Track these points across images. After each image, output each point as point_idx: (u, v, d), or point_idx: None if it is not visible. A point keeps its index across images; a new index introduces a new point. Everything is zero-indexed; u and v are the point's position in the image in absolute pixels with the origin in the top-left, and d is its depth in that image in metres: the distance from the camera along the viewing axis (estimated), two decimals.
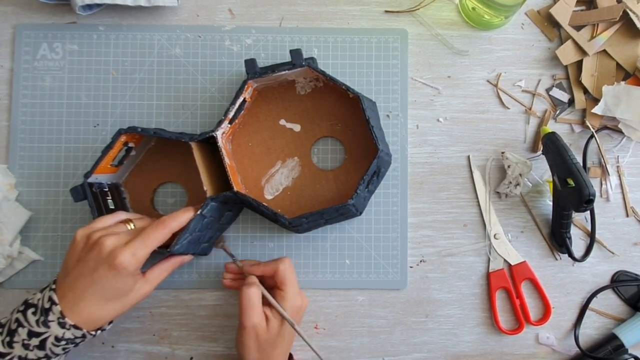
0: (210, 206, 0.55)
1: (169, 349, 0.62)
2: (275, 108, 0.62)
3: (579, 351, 0.62)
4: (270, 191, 0.62)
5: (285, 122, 0.62)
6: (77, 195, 0.56)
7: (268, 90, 0.62)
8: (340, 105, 0.62)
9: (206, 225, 0.56)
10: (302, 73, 0.60)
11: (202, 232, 0.57)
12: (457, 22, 0.66)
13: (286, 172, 0.62)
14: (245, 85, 0.57)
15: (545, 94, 0.65)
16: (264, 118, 0.62)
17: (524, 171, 0.62)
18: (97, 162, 0.56)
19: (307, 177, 0.62)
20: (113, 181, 0.60)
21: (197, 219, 0.54)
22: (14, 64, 0.63)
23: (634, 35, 0.63)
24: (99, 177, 0.58)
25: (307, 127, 0.62)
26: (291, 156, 0.62)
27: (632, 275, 0.64)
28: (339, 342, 0.63)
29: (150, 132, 0.56)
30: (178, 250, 0.54)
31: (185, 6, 0.65)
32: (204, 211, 0.54)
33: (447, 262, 0.63)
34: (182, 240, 0.54)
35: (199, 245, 0.58)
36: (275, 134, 0.62)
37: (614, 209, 0.64)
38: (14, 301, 0.61)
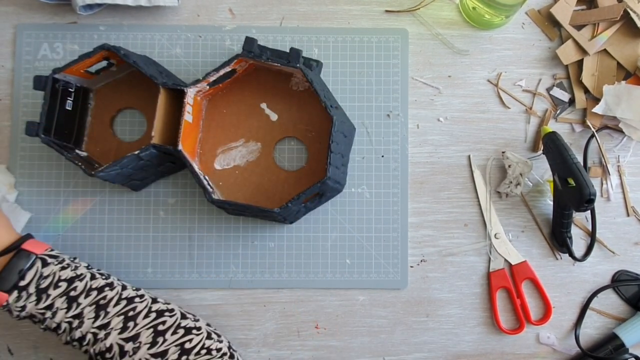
0: (150, 152, 0.55)
1: None
2: (264, 90, 0.62)
3: (579, 351, 0.62)
4: (221, 163, 0.62)
5: (266, 107, 0.62)
6: (38, 84, 0.56)
7: (264, 70, 0.62)
8: (322, 117, 0.62)
9: (141, 166, 0.57)
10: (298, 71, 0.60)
11: (135, 171, 0.57)
12: (458, 21, 0.66)
13: (244, 152, 0.62)
14: (235, 59, 0.57)
15: (545, 93, 0.65)
16: (249, 94, 0.62)
17: (525, 171, 0.62)
18: (70, 64, 0.56)
19: (261, 166, 0.62)
20: (85, 85, 0.61)
21: (131, 157, 0.54)
22: (15, 64, 0.63)
23: (635, 35, 0.63)
24: (67, 77, 0.58)
25: (283, 121, 0.62)
26: (256, 140, 0.62)
27: (633, 274, 0.64)
28: (339, 342, 0.63)
29: (130, 59, 0.56)
30: (103, 177, 0.55)
31: (186, 6, 0.65)
32: (142, 154, 0.55)
33: (447, 262, 0.63)
34: (109, 170, 0.55)
35: (129, 180, 0.59)
36: (251, 113, 0.62)
37: (614, 208, 0.64)
38: None
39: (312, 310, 0.63)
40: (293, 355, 0.62)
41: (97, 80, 0.61)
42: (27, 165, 0.62)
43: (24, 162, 0.62)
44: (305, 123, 0.62)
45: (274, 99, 0.62)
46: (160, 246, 0.62)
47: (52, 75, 0.56)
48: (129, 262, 0.62)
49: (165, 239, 0.62)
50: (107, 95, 0.62)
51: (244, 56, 0.57)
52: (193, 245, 0.62)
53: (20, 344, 0.61)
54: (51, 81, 0.56)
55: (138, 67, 0.56)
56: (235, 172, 0.62)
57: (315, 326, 0.63)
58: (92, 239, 0.62)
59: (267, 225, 0.63)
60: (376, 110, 0.64)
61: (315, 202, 0.60)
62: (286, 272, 0.62)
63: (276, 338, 0.62)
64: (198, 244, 0.62)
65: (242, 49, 0.57)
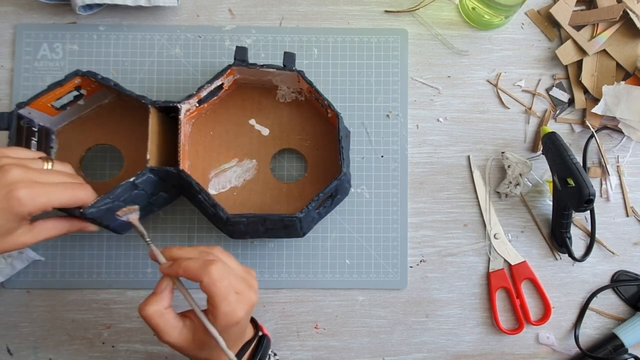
0: (147, 178, 0.50)
1: (169, 349, 0.62)
2: (250, 106, 0.61)
3: (579, 351, 0.62)
4: (216, 187, 0.59)
5: (255, 122, 0.60)
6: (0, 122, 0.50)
7: (248, 87, 0.61)
8: (315, 123, 0.61)
9: (134, 197, 0.51)
10: (288, 80, 0.59)
11: (126, 205, 0.51)
12: (457, 22, 0.66)
13: (240, 172, 0.59)
14: (228, 69, 0.55)
15: (545, 93, 0.65)
16: (235, 112, 0.60)
17: (524, 171, 0.62)
18: (38, 95, 0.50)
19: (260, 183, 0.60)
20: (46, 124, 0.55)
21: (126, 186, 0.49)
22: (14, 64, 0.63)
23: (634, 35, 0.63)
24: (32, 112, 0.52)
25: (275, 134, 0.61)
26: (250, 158, 0.60)
27: (632, 275, 0.64)
28: (339, 342, 0.63)
29: (111, 82, 0.52)
30: (92, 214, 0.47)
31: (186, 6, 0.65)
32: (138, 180, 0.50)
33: (447, 262, 0.63)
34: (100, 204, 0.48)
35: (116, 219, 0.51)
36: (240, 131, 0.60)
37: (614, 208, 0.64)
38: (14, 301, 0.62)
39: (312, 311, 0.63)
40: (293, 355, 0.62)
41: (59, 118, 0.56)
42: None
43: None
44: (298, 133, 0.61)
45: (261, 114, 0.61)
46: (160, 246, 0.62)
47: (16, 110, 0.50)
48: (129, 262, 0.62)
49: (165, 239, 0.62)
50: (72, 135, 0.57)
51: (237, 65, 0.55)
52: (193, 245, 0.62)
53: (19, 344, 0.61)
54: (16, 118, 0.50)
55: (122, 90, 0.52)
56: (233, 194, 0.59)
57: (314, 326, 0.63)
58: (92, 238, 0.62)
59: None
60: (376, 110, 0.64)
61: (327, 206, 0.58)
62: (286, 272, 0.62)
63: (276, 338, 0.62)
64: (198, 244, 0.62)
65: (235, 59, 0.55)
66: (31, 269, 0.61)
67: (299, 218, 0.51)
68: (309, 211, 0.52)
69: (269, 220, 0.52)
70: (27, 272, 0.61)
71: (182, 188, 0.55)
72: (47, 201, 0.43)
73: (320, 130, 0.61)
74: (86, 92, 0.55)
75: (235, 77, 0.58)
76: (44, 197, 0.42)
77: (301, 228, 0.55)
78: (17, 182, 0.41)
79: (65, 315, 0.62)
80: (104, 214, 0.49)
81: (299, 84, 0.59)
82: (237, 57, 0.56)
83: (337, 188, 0.55)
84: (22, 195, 0.41)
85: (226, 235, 0.57)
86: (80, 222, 0.49)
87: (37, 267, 0.61)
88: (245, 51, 0.56)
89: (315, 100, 0.59)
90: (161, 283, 0.45)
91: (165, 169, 0.52)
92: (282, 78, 0.58)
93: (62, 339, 0.62)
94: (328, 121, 0.60)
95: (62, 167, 0.48)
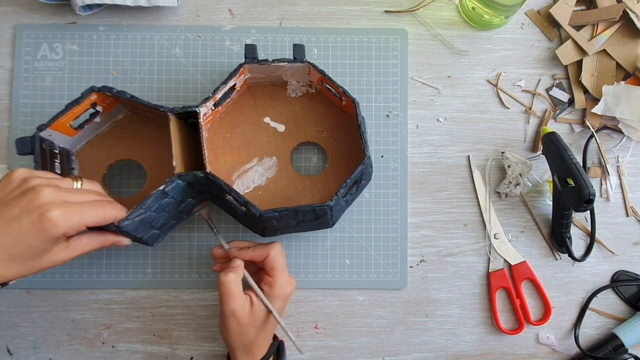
0: (176, 184, 0.51)
1: (169, 349, 0.62)
2: (263, 105, 0.61)
3: (579, 351, 0.62)
4: (241, 187, 0.59)
5: (270, 120, 0.61)
6: (23, 147, 0.49)
7: (258, 86, 0.61)
8: (329, 114, 0.61)
9: (165, 206, 0.52)
10: (297, 74, 0.59)
11: (158, 214, 0.52)
12: (457, 22, 0.66)
13: (261, 170, 0.60)
14: (240, 68, 0.55)
15: (545, 93, 0.65)
16: (249, 113, 0.61)
17: (524, 171, 0.62)
18: (57, 116, 0.50)
19: (283, 179, 0.60)
20: (65, 146, 0.55)
21: (156, 195, 0.49)
22: (14, 64, 0.63)
23: (634, 35, 0.63)
24: (53, 134, 0.52)
25: (291, 130, 0.61)
26: (270, 155, 0.60)
27: (632, 275, 0.64)
28: (339, 342, 0.63)
29: (127, 95, 0.51)
30: (127, 227, 0.48)
31: (185, 6, 0.65)
32: (168, 188, 0.50)
33: (447, 262, 0.63)
34: (134, 216, 0.48)
35: (150, 230, 0.53)
36: (257, 130, 0.61)
37: (614, 208, 0.64)
38: (14, 301, 0.62)
39: (312, 311, 0.63)
40: (292, 355, 0.62)
41: (77, 139, 0.56)
42: (27, 165, 0.62)
43: (24, 162, 0.62)
44: (314, 125, 0.61)
45: (275, 111, 0.61)
46: (159, 246, 0.62)
47: (37, 133, 0.50)
48: (129, 263, 0.62)
49: (165, 239, 0.62)
50: (92, 154, 0.57)
51: (249, 63, 0.55)
52: (193, 245, 0.62)
53: (19, 344, 0.61)
54: (39, 141, 0.50)
55: (138, 101, 0.52)
56: (258, 192, 0.60)
57: (314, 326, 0.63)
58: None
59: None
60: (375, 110, 0.64)
61: (353, 193, 0.57)
62: None
63: None
64: (198, 244, 0.62)
65: (245, 57, 0.56)
66: None
67: (329, 206, 0.52)
68: (338, 199, 0.53)
69: (301, 212, 0.52)
70: None
71: (211, 192, 0.55)
72: (80, 220, 0.43)
73: (336, 120, 0.61)
74: (102, 109, 0.56)
75: (246, 76, 0.58)
76: (77, 217, 0.43)
77: (331, 217, 0.55)
78: (49, 203, 0.42)
79: (65, 315, 0.62)
80: (138, 226, 0.50)
81: (309, 76, 0.59)
82: (247, 55, 0.56)
83: (362, 173, 0.55)
84: (55, 216, 0.41)
85: (259, 234, 0.57)
86: (114, 236, 0.50)
87: None
88: (255, 48, 0.56)
89: (327, 90, 0.59)
90: (235, 261, 0.53)
91: (194, 173, 0.52)
92: (292, 72, 0.58)
93: (62, 339, 0.62)
94: (342, 110, 0.60)
95: (92, 185, 0.49)
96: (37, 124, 0.62)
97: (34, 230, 0.41)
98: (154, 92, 0.63)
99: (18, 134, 0.62)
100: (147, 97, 0.63)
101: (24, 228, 0.41)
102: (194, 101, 0.63)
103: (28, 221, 0.41)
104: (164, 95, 0.63)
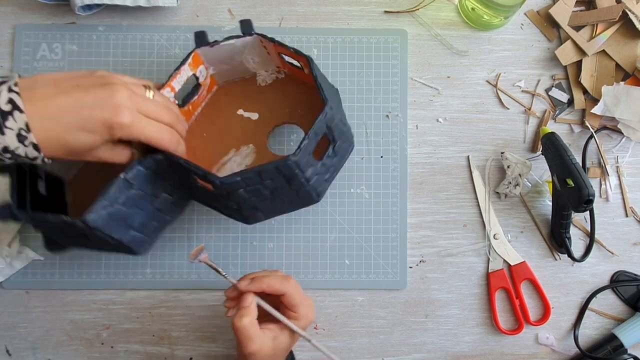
0: (137, 171, 0.47)
1: (169, 349, 0.62)
2: (236, 100, 0.61)
3: (578, 351, 0.62)
4: None
5: (243, 111, 0.61)
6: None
7: (230, 84, 0.62)
8: (302, 93, 0.61)
9: (134, 200, 0.48)
10: (261, 60, 0.59)
11: (129, 209, 0.48)
12: (457, 22, 0.66)
13: (239, 159, 0.60)
14: (191, 53, 0.54)
15: (544, 94, 0.65)
16: (223, 109, 0.61)
17: (524, 171, 0.62)
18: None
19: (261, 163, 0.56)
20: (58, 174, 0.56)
21: (119, 183, 0.46)
22: (13, 65, 0.63)
23: (633, 36, 0.64)
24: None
25: (265, 115, 0.61)
26: (246, 144, 0.60)
27: (632, 275, 0.64)
28: (339, 342, 0.63)
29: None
30: (94, 220, 0.45)
31: (185, 6, 0.65)
32: (129, 175, 0.47)
33: (446, 263, 0.63)
34: (98, 208, 0.45)
35: (127, 232, 0.49)
36: (231, 123, 0.61)
37: (613, 209, 0.64)
38: (14, 302, 0.61)
39: None
40: None
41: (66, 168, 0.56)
42: None
43: None
44: (288, 106, 0.61)
45: (248, 102, 0.61)
46: (159, 246, 0.62)
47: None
48: (128, 263, 0.62)
49: (164, 239, 0.62)
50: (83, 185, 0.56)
51: (198, 46, 0.54)
52: (192, 245, 0.62)
53: (18, 345, 0.61)
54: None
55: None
56: None
57: (314, 327, 0.63)
58: None
59: (266, 225, 0.63)
60: (375, 110, 0.64)
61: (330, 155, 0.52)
62: (285, 272, 0.62)
63: None
64: (197, 245, 0.62)
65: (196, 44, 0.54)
66: (30, 269, 0.61)
67: (294, 162, 0.47)
68: (302, 153, 0.47)
69: (265, 172, 0.47)
70: (26, 272, 0.61)
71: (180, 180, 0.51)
72: (140, 135, 0.44)
73: (308, 97, 0.61)
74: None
75: (210, 71, 0.58)
76: (139, 131, 0.44)
77: (308, 181, 0.50)
78: (122, 106, 0.43)
79: (64, 316, 0.62)
80: (108, 223, 0.47)
81: (269, 57, 0.59)
82: (197, 41, 0.55)
83: (332, 129, 0.51)
84: (125, 121, 0.43)
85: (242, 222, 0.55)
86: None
87: (37, 267, 0.61)
88: (204, 34, 0.55)
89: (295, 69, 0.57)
90: (246, 299, 0.48)
91: (152, 156, 0.48)
92: (252, 57, 0.58)
93: (61, 340, 0.62)
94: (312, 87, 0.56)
95: (161, 98, 0.49)
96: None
97: (100, 124, 0.42)
98: None
99: None
100: None
101: (94, 118, 0.42)
102: None
103: (99, 114, 0.42)
104: None
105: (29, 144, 0.41)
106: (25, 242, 0.61)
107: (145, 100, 0.45)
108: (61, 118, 0.41)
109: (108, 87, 0.43)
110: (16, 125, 0.40)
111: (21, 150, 0.41)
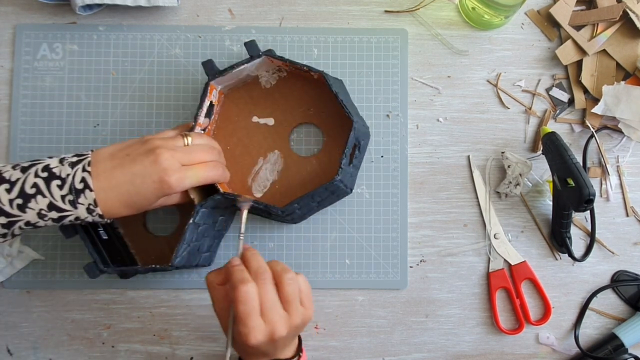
0: (201, 213, 0.54)
1: (169, 349, 0.62)
2: (245, 107, 0.62)
3: (579, 351, 0.62)
4: (258, 189, 0.61)
5: (258, 118, 0.62)
6: (67, 232, 0.54)
7: (234, 91, 0.62)
8: (308, 90, 0.62)
9: (202, 233, 0.56)
10: (264, 66, 0.60)
11: (200, 242, 0.56)
12: (457, 22, 0.66)
13: (270, 166, 0.61)
14: (207, 87, 0.56)
15: (545, 93, 0.65)
16: (236, 119, 0.62)
17: (524, 171, 0.62)
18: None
19: (292, 167, 0.62)
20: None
21: (191, 228, 0.53)
22: (14, 64, 0.63)
23: (634, 35, 0.63)
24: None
25: (280, 119, 0.62)
26: (271, 150, 0.62)
27: (632, 275, 0.64)
28: (339, 342, 0.63)
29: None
30: (180, 262, 0.54)
31: (185, 6, 0.65)
32: (196, 219, 0.54)
33: (447, 262, 0.63)
34: (181, 252, 0.53)
35: (199, 256, 0.58)
36: (250, 132, 0.62)
37: (614, 208, 0.64)
38: (14, 301, 0.62)
39: None
40: None
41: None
42: None
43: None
44: (299, 106, 0.62)
45: (258, 108, 0.62)
46: None
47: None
48: None
49: None
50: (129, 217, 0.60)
51: (212, 79, 0.56)
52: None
53: (19, 345, 0.61)
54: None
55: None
56: (275, 187, 0.61)
57: (314, 326, 0.63)
58: None
59: (266, 225, 0.63)
60: (375, 110, 0.64)
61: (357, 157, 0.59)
62: None
63: None
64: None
65: (207, 75, 0.57)
66: (31, 269, 0.61)
67: (339, 180, 0.54)
68: (343, 170, 0.55)
69: (317, 194, 0.55)
70: (27, 272, 0.61)
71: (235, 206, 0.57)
72: (189, 185, 0.50)
73: (316, 94, 0.62)
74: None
75: (218, 88, 0.59)
76: (188, 181, 0.49)
77: (346, 186, 0.57)
78: (167, 168, 0.48)
79: (65, 316, 0.62)
80: (187, 259, 0.55)
81: (273, 63, 0.60)
82: (208, 72, 0.57)
83: (357, 137, 0.56)
84: (172, 181, 0.48)
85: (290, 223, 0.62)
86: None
87: (37, 267, 0.61)
88: (212, 63, 0.57)
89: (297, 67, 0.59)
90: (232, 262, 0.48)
91: (211, 198, 0.54)
92: (256, 66, 0.59)
93: (62, 339, 0.62)
94: (319, 82, 0.59)
95: (199, 139, 0.53)
96: (37, 124, 0.62)
97: (152, 188, 0.48)
98: (154, 92, 0.63)
99: (18, 134, 0.62)
100: (147, 97, 0.63)
101: (145, 184, 0.47)
102: (194, 101, 0.63)
103: (149, 180, 0.47)
104: (163, 95, 0.63)
105: (96, 215, 0.48)
106: (27, 242, 0.61)
107: (185, 153, 0.50)
108: (120, 188, 0.47)
109: (152, 153, 0.48)
110: (86, 201, 0.47)
111: (89, 219, 0.48)
